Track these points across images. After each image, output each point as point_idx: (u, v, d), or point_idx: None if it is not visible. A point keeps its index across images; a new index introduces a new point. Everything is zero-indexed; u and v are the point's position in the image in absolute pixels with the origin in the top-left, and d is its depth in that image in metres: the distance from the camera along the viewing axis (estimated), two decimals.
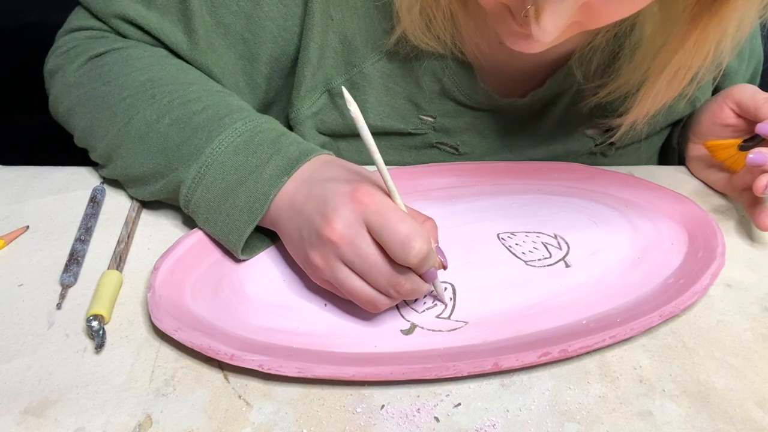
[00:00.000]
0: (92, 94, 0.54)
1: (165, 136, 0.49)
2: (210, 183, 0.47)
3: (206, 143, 0.48)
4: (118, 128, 0.51)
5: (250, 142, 0.47)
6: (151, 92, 0.51)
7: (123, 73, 0.53)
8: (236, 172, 0.47)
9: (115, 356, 0.42)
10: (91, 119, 0.53)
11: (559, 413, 0.39)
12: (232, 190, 0.46)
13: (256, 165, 0.46)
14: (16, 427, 0.38)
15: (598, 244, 0.52)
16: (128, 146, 0.51)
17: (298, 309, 0.46)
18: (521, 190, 0.58)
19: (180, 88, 0.52)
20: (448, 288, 0.48)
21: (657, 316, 0.44)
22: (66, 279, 0.47)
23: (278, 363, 0.40)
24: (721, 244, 0.50)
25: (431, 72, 0.57)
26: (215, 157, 0.47)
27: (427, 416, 0.39)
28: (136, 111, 0.51)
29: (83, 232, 0.51)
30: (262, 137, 0.48)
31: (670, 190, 0.57)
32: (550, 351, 0.41)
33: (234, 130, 0.48)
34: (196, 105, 0.50)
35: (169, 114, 0.50)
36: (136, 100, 0.51)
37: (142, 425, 0.38)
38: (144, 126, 0.50)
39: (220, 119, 0.49)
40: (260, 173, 0.46)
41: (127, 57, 0.54)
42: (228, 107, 0.51)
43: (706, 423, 0.39)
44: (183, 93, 0.51)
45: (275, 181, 0.45)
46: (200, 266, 0.48)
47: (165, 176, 0.49)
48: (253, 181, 0.46)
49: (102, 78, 0.54)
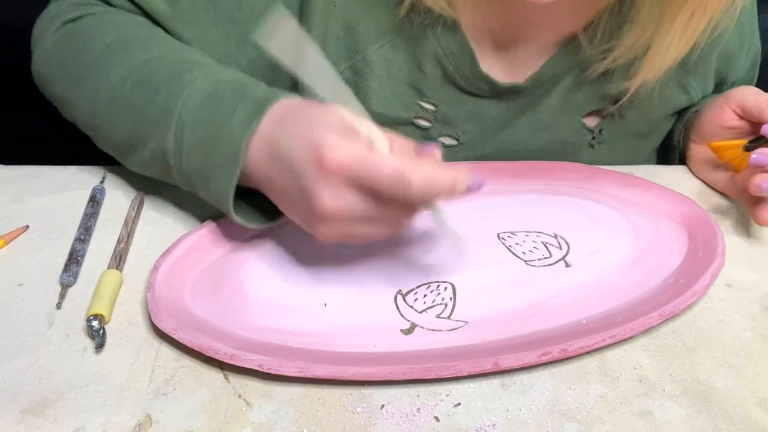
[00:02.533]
0: (64, 62, 0.54)
1: (129, 100, 0.49)
2: (188, 147, 0.45)
3: (172, 104, 0.46)
4: (89, 96, 0.51)
5: (213, 95, 0.46)
6: (114, 56, 0.51)
7: (92, 38, 0.53)
8: (207, 129, 0.45)
9: (115, 356, 0.42)
10: (65, 88, 0.53)
11: (559, 413, 0.39)
12: (210, 149, 0.45)
13: (224, 117, 0.44)
14: (16, 426, 0.38)
15: (598, 244, 0.52)
16: (101, 114, 0.51)
17: (298, 309, 0.46)
18: (521, 190, 0.58)
19: (143, 48, 0.51)
20: (448, 288, 0.48)
21: (657, 315, 0.44)
22: (66, 279, 0.47)
23: (278, 363, 0.40)
24: (721, 244, 0.50)
25: (434, 57, 0.57)
26: (185, 119, 0.46)
27: (427, 416, 0.39)
28: (102, 76, 0.50)
29: (83, 232, 0.51)
30: (224, 87, 0.46)
31: (670, 190, 0.57)
32: (550, 351, 0.41)
33: (195, 87, 0.46)
34: (156, 63, 0.49)
35: (131, 76, 0.49)
36: (102, 65, 0.51)
37: (142, 425, 0.38)
38: (110, 91, 0.50)
39: (180, 76, 0.47)
40: (229, 124, 0.44)
41: (100, 22, 0.54)
42: (189, 62, 0.49)
43: (706, 423, 0.39)
44: (145, 53, 0.50)
45: (245, 128, 0.43)
46: (200, 266, 0.48)
47: (143, 144, 0.48)
48: (224, 134, 0.44)
49: (73, 43, 0.54)
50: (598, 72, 0.58)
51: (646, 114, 0.63)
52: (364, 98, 0.58)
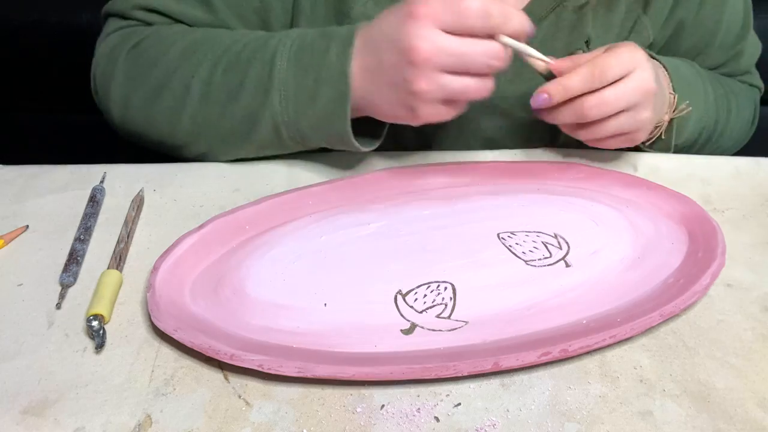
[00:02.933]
0: (142, 82, 0.56)
1: (225, 84, 0.52)
2: (295, 100, 0.50)
3: (268, 68, 0.51)
4: (178, 101, 0.54)
5: (303, 47, 0.51)
6: (193, 57, 0.54)
7: (163, 51, 0.56)
8: (307, 75, 0.50)
9: (115, 356, 0.42)
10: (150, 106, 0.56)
11: (559, 413, 0.39)
12: (316, 92, 0.49)
13: (320, 58, 0.49)
14: (16, 426, 0.38)
15: (598, 244, 0.52)
16: (198, 112, 0.54)
17: (298, 309, 0.46)
18: (521, 190, 0.58)
19: (216, 42, 0.54)
20: (448, 288, 0.48)
21: (657, 315, 0.44)
22: (65, 279, 0.47)
23: (278, 363, 0.40)
24: (721, 244, 0.50)
25: None
26: (284, 77, 0.50)
27: (427, 416, 0.39)
28: (188, 77, 0.54)
29: (83, 232, 0.51)
30: (310, 38, 0.51)
31: (670, 190, 0.57)
32: (550, 351, 0.41)
33: (283, 46, 0.51)
34: (237, 46, 0.53)
35: (219, 65, 0.53)
36: (184, 68, 0.54)
37: (141, 425, 0.38)
38: (202, 86, 0.53)
39: (264, 45, 0.52)
40: (328, 62, 0.49)
41: (162, 36, 0.57)
42: (264, 35, 0.54)
43: (707, 423, 0.39)
44: (219, 43, 0.54)
45: (342, 57, 0.49)
46: (200, 266, 0.48)
47: (252, 121, 0.52)
48: (326, 71, 0.49)
49: (145, 62, 0.56)
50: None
51: None
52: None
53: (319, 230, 0.52)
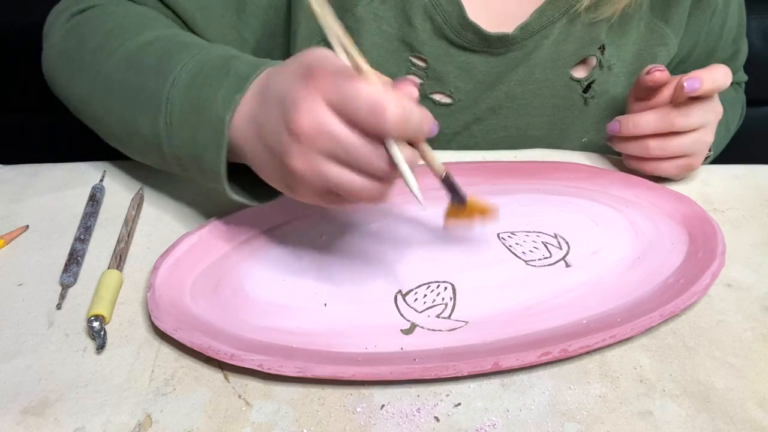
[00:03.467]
0: (68, 53, 0.55)
1: (123, 85, 0.49)
2: (178, 127, 0.45)
3: (161, 86, 0.46)
4: (88, 85, 0.52)
5: (199, 73, 0.45)
6: (111, 43, 0.52)
7: (93, 28, 0.54)
8: (194, 108, 0.44)
9: (115, 356, 0.42)
10: (69, 79, 0.54)
11: (559, 413, 0.39)
12: (196, 128, 0.44)
13: (208, 94, 0.43)
14: (16, 426, 0.38)
15: (598, 244, 0.52)
16: (99, 101, 0.52)
17: (298, 309, 0.46)
18: (521, 190, 0.58)
19: (137, 34, 0.51)
20: (448, 288, 0.48)
21: (657, 315, 0.44)
22: (66, 279, 0.47)
23: (278, 363, 0.40)
24: (721, 244, 0.50)
25: (422, 9, 0.58)
26: (173, 100, 0.45)
27: (427, 416, 0.39)
28: (100, 63, 0.51)
29: (83, 232, 0.51)
30: (211, 65, 0.45)
31: (670, 190, 0.57)
32: (550, 351, 0.41)
33: (183, 68, 0.46)
34: (149, 48, 0.50)
35: (125, 61, 0.50)
36: (100, 53, 0.52)
37: (142, 425, 0.38)
38: (106, 78, 0.51)
39: (169, 59, 0.47)
40: (213, 100, 0.43)
41: (102, 12, 0.56)
42: (179, 44, 0.49)
43: (706, 423, 0.39)
44: (139, 38, 0.51)
45: (228, 102, 0.42)
46: (200, 266, 0.48)
47: (137, 131, 0.48)
48: (208, 110, 0.43)
49: (77, 35, 0.55)
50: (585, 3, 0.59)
51: (629, 66, 0.64)
52: None
53: (319, 230, 0.52)
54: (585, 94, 0.64)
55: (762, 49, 1.03)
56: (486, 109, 0.63)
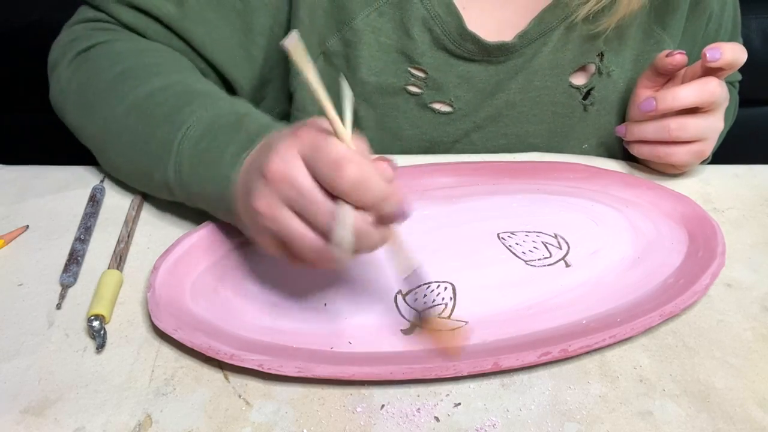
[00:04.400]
0: (77, 92, 0.55)
1: (135, 133, 0.50)
2: (187, 180, 0.47)
3: (172, 138, 0.48)
4: (99, 127, 0.53)
5: (211, 128, 0.47)
6: (122, 87, 0.52)
7: (102, 69, 0.54)
8: (202, 162, 0.46)
9: (115, 356, 0.42)
10: (79, 117, 0.55)
11: (559, 413, 0.39)
12: (204, 181, 0.46)
13: (218, 151, 0.45)
14: (16, 426, 0.38)
15: (598, 244, 0.52)
16: (110, 145, 0.53)
17: (298, 309, 0.46)
18: (521, 190, 0.58)
19: (147, 79, 0.52)
20: (448, 288, 0.48)
21: (657, 315, 0.44)
22: (65, 279, 0.47)
23: (278, 363, 0.40)
24: (721, 244, 0.50)
25: (421, 21, 0.58)
26: (183, 153, 0.47)
27: (427, 416, 0.39)
28: (110, 107, 0.52)
29: (83, 232, 0.51)
30: (222, 121, 0.47)
31: (670, 190, 0.57)
32: (550, 351, 0.41)
33: (196, 119, 0.48)
34: (159, 96, 0.50)
35: (136, 109, 0.51)
36: (110, 96, 0.52)
37: (142, 425, 0.38)
38: (117, 123, 0.51)
39: (180, 110, 0.49)
40: (222, 157, 0.45)
41: (109, 51, 0.55)
42: (191, 94, 0.50)
43: (706, 423, 0.39)
44: (149, 84, 0.51)
45: (234, 160, 0.44)
46: (200, 266, 0.48)
47: (149, 175, 0.50)
48: (216, 166, 0.45)
49: (85, 74, 0.55)
50: (582, 15, 0.59)
51: (629, 72, 0.64)
52: (354, 68, 0.59)
53: None
54: (584, 101, 0.64)
55: (762, 49, 1.03)
56: (486, 117, 0.63)
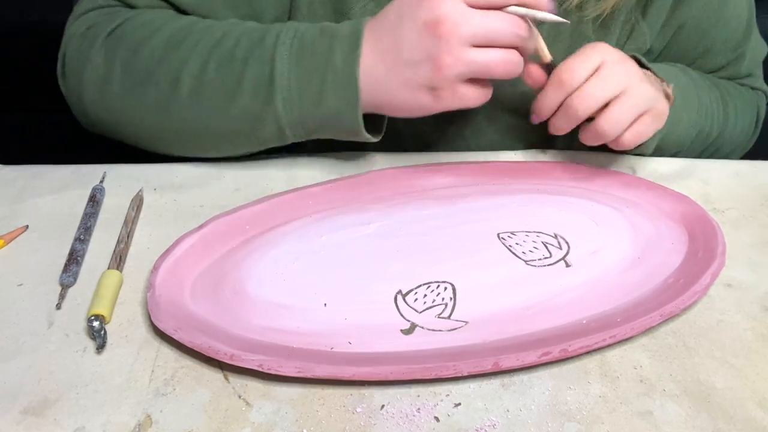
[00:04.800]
0: (124, 71, 0.52)
1: (220, 82, 0.50)
2: (300, 104, 0.49)
3: (268, 69, 0.49)
4: (166, 95, 0.51)
5: (303, 47, 0.49)
6: (180, 47, 0.51)
7: (146, 38, 0.52)
8: (312, 79, 0.48)
9: (115, 356, 0.42)
10: (134, 97, 0.52)
11: (559, 413, 0.39)
12: (322, 97, 0.48)
13: (324, 61, 0.48)
14: (16, 426, 0.38)
15: (598, 244, 0.52)
16: (188, 108, 0.51)
17: (298, 309, 0.46)
18: (521, 190, 0.58)
19: (204, 32, 0.52)
20: (448, 288, 0.48)
21: (657, 315, 0.44)
22: (65, 279, 0.47)
23: (278, 363, 0.40)
24: (721, 244, 0.50)
25: None
26: (285, 80, 0.48)
27: (427, 416, 0.39)
28: (177, 69, 0.51)
29: (83, 232, 0.51)
30: (310, 36, 0.49)
31: (670, 190, 0.57)
32: (550, 351, 0.41)
33: (282, 44, 0.49)
34: (228, 41, 0.51)
35: (210, 60, 0.50)
36: (172, 60, 0.51)
37: (142, 425, 0.38)
38: (193, 81, 0.51)
39: (260, 42, 0.50)
40: (333, 65, 0.48)
41: (143, 22, 0.54)
42: (258, 30, 0.51)
43: (707, 423, 0.39)
44: (209, 35, 0.52)
45: (350, 60, 0.47)
46: (200, 266, 0.48)
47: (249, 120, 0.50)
48: (332, 75, 0.48)
49: (127, 51, 0.53)
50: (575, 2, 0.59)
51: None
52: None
53: (319, 230, 0.52)
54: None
55: None
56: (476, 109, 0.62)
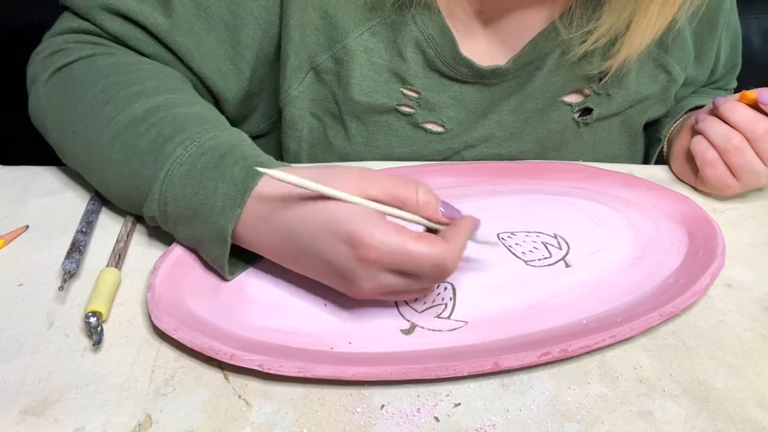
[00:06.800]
0: (57, 111, 0.53)
1: (118, 164, 0.48)
2: (174, 219, 0.46)
3: (154, 175, 0.46)
4: (81, 150, 0.51)
5: (192, 170, 0.45)
6: (102, 110, 0.50)
7: (82, 86, 0.52)
8: (189, 207, 0.45)
9: (114, 356, 0.42)
10: (59, 137, 0.53)
11: (559, 413, 0.39)
12: (194, 225, 0.45)
13: (204, 197, 0.44)
14: (16, 426, 0.38)
15: (598, 244, 0.52)
16: (93, 171, 0.51)
17: (298, 309, 0.46)
18: (521, 190, 0.58)
19: (129, 101, 0.49)
20: (448, 288, 0.48)
21: (657, 315, 0.44)
22: (68, 265, 0.46)
23: (278, 363, 0.40)
24: (721, 244, 0.50)
25: (414, 43, 0.58)
26: (167, 194, 0.45)
27: (427, 416, 0.39)
28: (92, 132, 0.50)
29: (84, 225, 0.51)
30: (204, 161, 0.45)
31: (670, 190, 0.57)
32: (550, 351, 0.41)
33: (176, 159, 0.45)
34: (142, 126, 0.48)
35: (118, 139, 0.48)
36: (91, 119, 0.50)
37: (141, 425, 0.38)
38: (100, 152, 0.49)
39: (162, 146, 0.46)
40: (212, 206, 0.44)
41: (89, 68, 0.53)
42: (173, 125, 0.48)
43: (706, 423, 0.39)
44: (131, 110, 0.49)
45: (229, 214, 0.43)
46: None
47: (136, 206, 0.48)
48: (208, 214, 0.44)
49: (64, 93, 0.53)
50: (579, 54, 0.58)
51: (630, 94, 0.63)
52: (345, 86, 0.59)
53: None
54: (579, 119, 0.64)
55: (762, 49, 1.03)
56: (478, 137, 0.62)
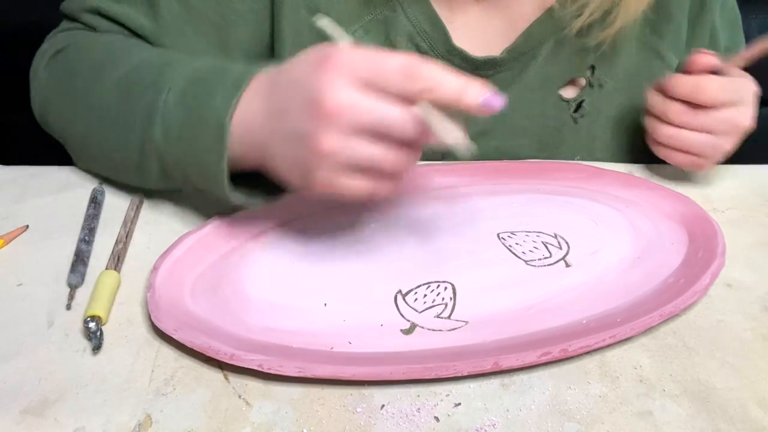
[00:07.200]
0: (57, 90, 0.54)
1: (118, 108, 0.49)
2: (176, 134, 0.45)
3: (156, 99, 0.46)
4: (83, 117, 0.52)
5: (193, 82, 0.45)
6: (100, 71, 0.51)
7: (79, 60, 0.54)
8: (190, 116, 0.44)
9: (114, 356, 0.42)
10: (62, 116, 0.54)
11: (559, 413, 0.39)
12: (197, 132, 0.44)
13: (204, 100, 0.44)
14: (16, 426, 0.38)
15: (598, 244, 0.52)
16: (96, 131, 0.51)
17: (298, 309, 0.46)
18: (521, 190, 0.58)
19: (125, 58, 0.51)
20: (448, 288, 0.48)
21: (657, 315, 0.44)
22: (73, 279, 0.46)
23: (278, 363, 0.40)
24: (721, 244, 0.50)
25: (407, 36, 0.58)
26: (169, 109, 0.45)
27: (427, 416, 0.39)
28: (92, 93, 0.51)
29: (87, 233, 0.50)
30: (203, 73, 0.46)
31: (670, 190, 0.57)
32: (551, 351, 0.41)
33: (175, 78, 0.46)
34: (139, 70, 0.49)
35: (118, 86, 0.50)
36: (90, 82, 0.51)
37: (141, 425, 0.38)
38: (100, 105, 0.50)
39: (161, 74, 0.48)
40: (212, 104, 0.43)
41: (84, 46, 0.55)
42: (168, 60, 0.49)
43: (706, 423, 0.39)
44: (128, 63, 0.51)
45: (227, 103, 0.42)
46: (200, 266, 0.48)
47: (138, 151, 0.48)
48: (207, 113, 0.43)
49: (63, 71, 0.54)
50: (575, 28, 0.58)
51: (624, 82, 0.63)
52: None
53: (320, 230, 0.52)
54: (575, 114, 0.63)
55: None
56: (476, 132, 0.62)
